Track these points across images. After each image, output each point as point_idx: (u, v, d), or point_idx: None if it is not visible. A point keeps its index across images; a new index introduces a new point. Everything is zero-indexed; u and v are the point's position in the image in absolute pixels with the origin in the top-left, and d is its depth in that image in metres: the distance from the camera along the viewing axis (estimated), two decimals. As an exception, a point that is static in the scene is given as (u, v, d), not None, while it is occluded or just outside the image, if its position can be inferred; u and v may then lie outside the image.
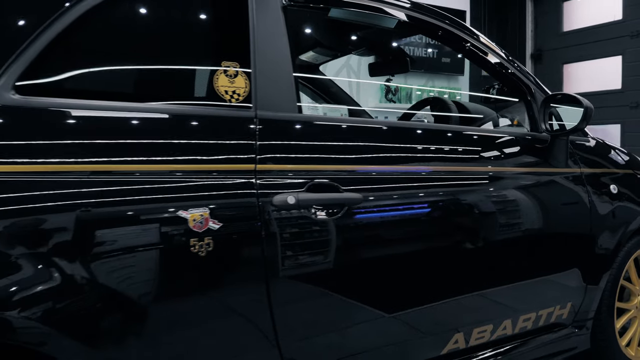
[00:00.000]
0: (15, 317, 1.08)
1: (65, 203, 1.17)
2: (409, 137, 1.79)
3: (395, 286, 1.67)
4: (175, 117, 1.38)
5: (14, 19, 1.27)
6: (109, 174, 1.23)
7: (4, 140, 1.16)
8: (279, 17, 1.60)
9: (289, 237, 1.43)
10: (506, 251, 1.96)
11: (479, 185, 1.88)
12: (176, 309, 1.29)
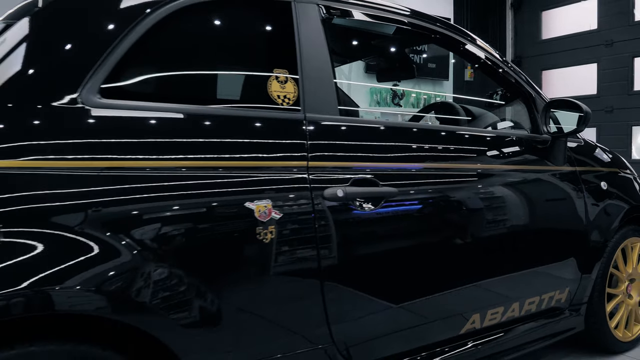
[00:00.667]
0: (109, 295, 1.23)
1: (153, 195, 1.33)
2: (436, 138, 1.99)
3: (426, 271, 1.87)
4: (239, 119, 1.55)
5: (96, 34, 1.42)
6: (190, 169, 1.39)
7: (100, 136, 1.32)
8: (319, 28, 1.78)
9: (337, 226, 1.61)
10: (516, 241, 2.17)
11: (494, 182, 2.09)
12: (244, 289, 1.45)
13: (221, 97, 1.67)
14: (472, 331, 2.06)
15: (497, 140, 2.24)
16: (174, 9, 1.52)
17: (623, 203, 2.68)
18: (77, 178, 1.26)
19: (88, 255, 1.22)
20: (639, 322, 2.83)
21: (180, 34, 1.59)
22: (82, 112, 1.33)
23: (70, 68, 1.36)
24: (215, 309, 1.40)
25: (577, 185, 2.43)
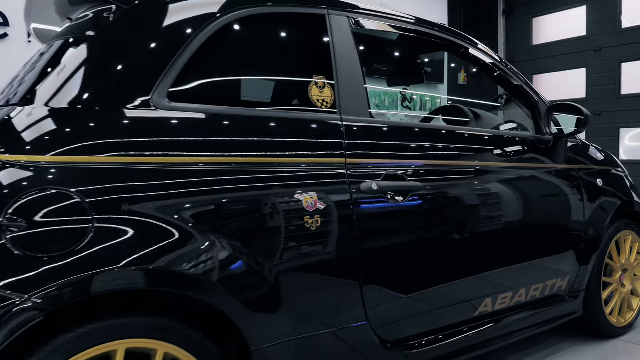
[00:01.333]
0: (197, 279, 1.41)
1: (216, 188, 1.51)
2: (455, 138, 2.20)
3: (447, 259, 2.06)
4: (287, 121, 1.74)
5: (163, 45, 1.60)
6: (246, 165, 1.58)
7: (175, 135, 1.50)
8: (350, 39, 1.97)
9: (372, 216, 1.80)
10: (525, 232, 2.38)
11: (505, 179, 2.30)
12: (295, 272, 1.63)
13: (269, 100, 1.86)
14: (485, 314, 2.26)
15: (507, 140, 2.44)
16: (226, 22, 1.70)
17: (616, 199, 2.90)
18: (152, 172, 1.44)
19: (167, 240, 1.40)
20: (631, 309, 3.06)
21: (232, 44, 1.77)
22: (155, 114, 1.51)
23: (143, 75, 1.54)
24: (271, 290, 1.58)
25: (576, 182, 2.65)
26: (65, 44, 1.76)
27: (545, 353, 2.76)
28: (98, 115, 1.46)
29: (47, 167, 1.33)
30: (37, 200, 1.29)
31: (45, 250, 1.26)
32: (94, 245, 1.31)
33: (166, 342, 1.40)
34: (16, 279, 1.22)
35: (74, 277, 1.26)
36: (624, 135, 5.94)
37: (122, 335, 1.34)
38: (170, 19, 1.64)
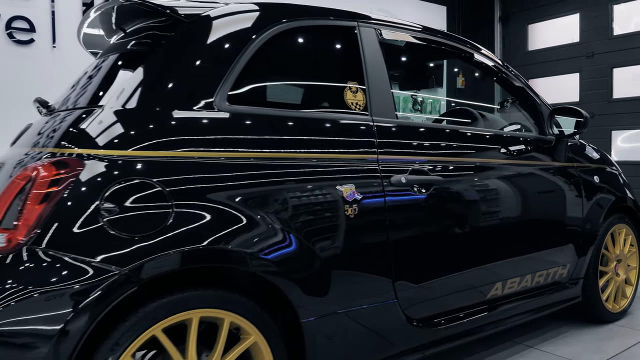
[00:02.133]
0: (258, 258, 1.63)
1: (270, 180, 1.73)
2: (470, 137, 2.43)
3: (464, 246, 2.29)
4: (328, 121, 1.96)
5: (223, 53, 1.82)
6: (293, 159, 1.80)
7: (236, 133, 1.72)
8: (378, 49, 2.20)
9: (401, 206, 2.03)
10: (532, 223, 2.62)
11: (514, 175, 2.54)
12: (338, 254, 1.85)
13: (309, 103, 2.08)
14: (496, 297, 2.50)
15: (516, 140, 2.68)
16: (272, 34, 1.93)
17: (611, 195, 3.15)
18: (212, 166, 1.65)
19: (234, 223, 1.62)
20: (625, 297, 3.31)
21: (278, 52, 1.99)
22: (217, 115, 1.73)
23: (207, 81, 1.76)
24: (318, 271, 1.80)
25: (575, 179, 2.90)
26: (129, 52, 1.98)
27: (548, 335, 3.01)
28: (170, 116, 1.67)
29: (130, 160, 1.55)
30: (126, 188, 1.51)
31: (135, 231, 1.48)
32: (174, 227, 1.53)
33: (232, 312, 1.62)
34: (114, 255, 1.43)
35: (159, 254, 1.48)
36: (615, 137, 6.19)
37: (197, 305, 1.56)
38: (227, 31, 1.86)
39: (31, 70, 4.21)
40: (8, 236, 1.43)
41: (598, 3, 6.30)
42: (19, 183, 1.50)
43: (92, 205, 1.46)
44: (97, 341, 1.44)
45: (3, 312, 1.34)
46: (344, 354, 1.90)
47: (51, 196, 1.45)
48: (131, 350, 1.46)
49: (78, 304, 1.37)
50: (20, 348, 1.35)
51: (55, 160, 1.51)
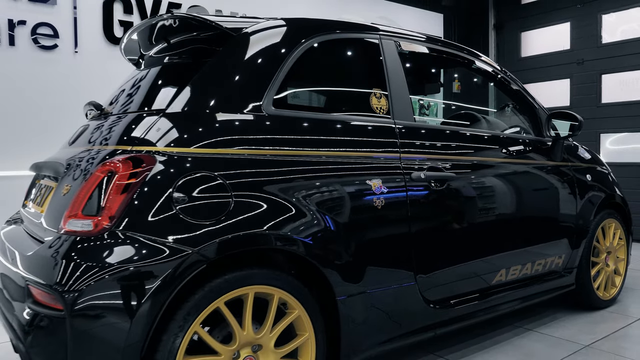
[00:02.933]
0: (305, 243, 1.88)
1: (310, 175, 1.99)
2: (480, 139, 2.70)
3: (473, 236, 2.55)
4: (357, 124, 2.21)
5: (269, 64, 2.07)
6: (330, 156, 2.05)
7: (280, 133, 1.97)
8: (397, 59, 2.47)
9: (420, 199, 2.29)
10: (532, 215, 2.90)
11: (517, 173, 2.81)
12: (368, 241, 2.11)
13: (341, 107, 2.33)
14: (501, 283, 2.77)
15: (519, 141, 2.95)
16: (308, 46, 2.18)
17: (601, 192, 3.44)
18: (262, 162, 1.90)
19: (283, 212, 1.87)
20: (614, 286, 3.60)
21: (312, 62, 2.24)
22: (265, 117, 1.99)
23: (256, 87, 2.01)
24: (352, 255, 2.05)
25: (569, 177, 3.18)
26: (180, 62, 2.22)
27: (545, 320, 3.28)
28: (225, 119, 1.92)
29: (194, 156, 1.80)
30: (192, 180, 1.75)
31: (203, 217, 1.72)
32: (235, 214, 1.77)
33: (281, 289, 1.87)
34: (187, 237, 1.68)
35: (222, 238, 1.72)
36: (604, 140, 6.49)
37: (253, 282, 1.80)
38: (271, 43, 2.11)
39: (54, 74, 4.41)
40: (94, 222, 1.67)
41: (588, 13, 6.61)
42: (99, 176, 1.73)
43: (165, 194, 1.71)
44: (167, 315, 1.67)
45: (92, 287, 1.57)
46: (371, 327, 2.15)
47: (130, 187, 1.69)
48: (200, 319, 1.70)
49: (158, 279, 1.61)
50: (106, 318, 1.58)
51: (132, 156, 1.75)
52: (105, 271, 1.58)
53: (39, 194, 2.21)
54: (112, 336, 1.57)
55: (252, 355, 1.84)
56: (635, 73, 6.21)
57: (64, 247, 1.65)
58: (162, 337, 1.65)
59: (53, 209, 1.90)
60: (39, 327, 1.63)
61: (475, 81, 6.60)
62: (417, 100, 5.57)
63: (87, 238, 1.65)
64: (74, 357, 1.56)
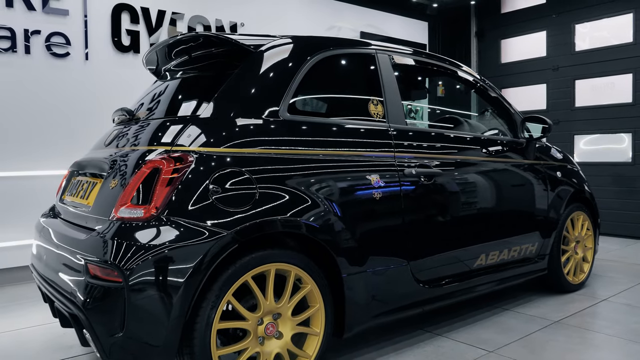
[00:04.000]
0: (319, 229, 2.23)
1: (320, 171, 2.34)
2: (462, 140, 3.08)
3: (457, 224, 2.93)
4: (358, 127, 2.57)
5: (285, 75, 2.42)
6: (336, 155, 2.41)
7: (295, 135, 2.32)
8: (391, 70, 2.84)
9: (411, 192, 2.66)
10: (508, 207, 3.29)
11: (495, 171, 3.19)
12: (368, 227, 2.46)
13: (344, 112, 2.69)
14: (480, 267, 3.15)
15: (497, 142, 3.35)
16: (316, 61, 2.54)
17: (570, 187, 3.84)
18: (280, 160, 2.25)
19: (299, 202, 2.22)
20: (582, 272, 4.01)
21: (319, 74, 2.59)
22: (282, 122, 2.34)
23: (274, 95, 2.36)
24: (355, 239, 2.40)
25: (541, 175, 3.58)
26: (204, 74, 2.56)
27: (520, 301, 3.68)
28: (248, 123, 2.26)
29: (224, 155, 2.14)
30: (224, 175, 2.10)
31: (234, 205, 2.07)
32: (261, 204, 2.12)
33: (296, 266, 2.22)
34: (222, 222, 2.02)
35: (250, 222, 2.07)
36: (577, 141, 6.94)
37: (274, 260, 2.15)
38: (286, 58, 2.46)
39: (66, 80, 4.71)
40: (144, 209, 2.01)
41: (562, 22, 7.06)
42: (145, 172, 2.07)
43: (202, 187, 2.05)
44: (205, 287, 2.00)
45: (146, 263, 1.90)
46: (371, 301, 2.51)
47: (174, 181, 2.03)
48: (232, 291, 2.04)
49: (200, 256, 1.94)
50: (157, 288, 1.91)
51: (174, 155, 2.09)
52: (156, 249, 1.92)
53: (81, 189, 2.53)
54: (161, 303, 1.90)
55: (272, 322, 2.19)
56: (605, 79, 6.67)
57: (119, 231, 1.98)
58: (201, 305, 1.99)
59: (102, 200, 2.23)
60: (99, 297, 1.95)
61: (457, 88, 7.00)
62: (407, 105, 5.97)
63: (138, 223, 1.99)
64: (131, 319, 1.89)
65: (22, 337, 3.10)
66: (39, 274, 2.50)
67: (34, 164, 4.55)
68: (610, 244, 6.03)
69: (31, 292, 4.11)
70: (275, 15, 6.18)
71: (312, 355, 2.30)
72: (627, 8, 6.45)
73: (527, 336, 3.00)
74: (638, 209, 6.39)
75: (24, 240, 4.42)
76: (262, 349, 2.17)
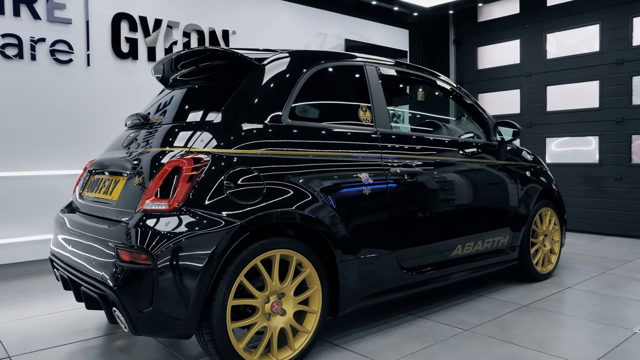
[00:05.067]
0: (317, 220, 2.56)
1: (315, 170, 2.67)
2: (441, 142, 3.45)
3: (436, 217, 3.29)
4: (351, 131, 2.92)
5: (286, 85, 2.75)
6: (332, 156, 2.75)
7: (295, 138, 2.66)
8: (378, 80, 3.19)
9: (396, 188, 3.01)
10: (483, 203, 3.66)
11: (471, 170, 3.57)
12: (358, 218, 2.80)
13: (338, 118, 3.02)
14: (457, 257, 3.51)
15: (472, 144, 3.72)
16: (312, 73, 2.87)
17: (539, 186, 4.24)
18: (283, 159, 2.58)
19: (300, 196, 2.55)
20: (550, 262, 4.41)
21: (315, 85, 2.93)
22: (284, 127, 2.67)
23: (277, 103, 2.68)
24: (347, 229, 2.74)
25: (512, 174, 3.97)
26: (213, 84, 2.88)
27: (494, 289, 4.06)
28: (255, 127, 2.59)
29: (236, 155, 2.46)
30: (237, 172, 2.42)
31: (246, 199, 2.39)
32: (268, 197, 2.45)
33: (297, 252, 2.55)
34: (235, 213, 2.34)
35: (260, 213, 2.39)
36: (549, 143, 7.37)
37: (279, 246, 2.48)
38: (287, 70, 2.79)
39: (69, 85, 4.97)
40: (168, 202, 2.32)
41: (535, 32, 7.50)
42: (168, 170, 2.38)
43: (217, 183, 2.36)
44: (222, 269, 2.32)
45: (171, 248, 2.21)
46: (361, 285, 2.85)
47: (193, 178, 2.35)
48: (243, 272, 2.36)
49: (218, 241, 2.26)
50: (182, 268, 2.22)
51: (193, 156, 2.40)
52: (179, 237, 2.23)
53: (103, 186, 2.83)
54: (185, 283, 2.21)
55: (277, 300, 2.52)
56: (575, 85, 7.12)
57: (147, 221, 2.29)
58: (218, 284, 2.30)
59: (127, 195, 2.53)
60: (129, 278, 2.25)
61: (437, 95, 7.40)
62: (391, 110, 6.36)
63: (163, 214, 2.30)
64: (158, 296, 2.20)
65: (40, 323, 3.37)
66: (64, 262, 2.79)
67: (40, 164, 4.80)
68: (579, 240, 6.47)
69: (41, 285, 4.37)
70: (265, 23, 6.51)
71: (310, 331, 2.63)
72: (594, 19, 6.91)
73: (499, 317, 3.37)
74: (605, 207, 6.85)
75: (25, 237, 4.67)
76: (269, 324, 2.49)
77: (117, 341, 3.02)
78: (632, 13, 6.58)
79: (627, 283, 4.25)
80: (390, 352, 2.79)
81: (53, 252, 3.02)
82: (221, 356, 2.32)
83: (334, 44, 7.30)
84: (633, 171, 6.60)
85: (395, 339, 2.98)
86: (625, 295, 3.88)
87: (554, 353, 2.76)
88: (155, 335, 2.33)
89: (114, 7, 5.23)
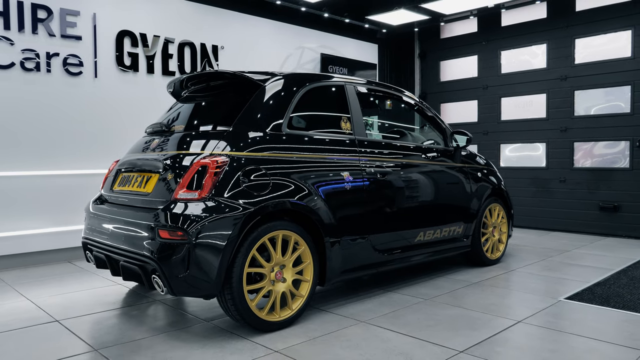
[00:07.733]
0: (310, 208, 3.27)
1: (309, 170, 3.40)
2: (407, 148, 4.21)
3: (403, 209, 4.04)
4: (335, 138, 3.65)
5: (285, 99, 3.46)
6: (321, 158, 3.47)
7: (293, 144, 3.38)
8: (355, 96, 3.93)
9: (371, 185, 3.75)
10: (441, 198, 4.44)
11: (431, 171, 4.34)
12: (341, 210, 3.52)
13: (324, 127, 3.74)
14: (420, 242, 4.27)
15: (432, 149, 4.50)
16: (305, 90, 3.59)
17: (489, 185, 5.05)
18: (284, 161, 3.29)
19: (297, 190, 3.25)
20: (499, 250, 5.22)
21: (307, 101, 3.64)
22: (283, 134, 3.38)
23: (278, 115, 3.39)
24: (332, 216, 3.45)
25: (466, 175, 4.76)
26: (225, 98, 3.57)
27: (451, 271, 4.85)
28: (262, 135, 3.29)
29: (248, 157, 3.16)
30: (250, 170, 3.11)
31: (257, 191, 3.08)
32: (274, 190, 3.14)
33: (295, 233, 3.25)
34: (249, 201, 3.03)
35: (268, 202, 3.09)
36: (503, 149, 8.25)
37: (280, 228, 3.18)
38: (285, 88, 3.51)
39: (80, 94, 5.56)
40: (198, 193, 3.00)
41: (491, 49, 8.38)
42: (196, 168, 3.06)
43: (235, 178, 3.05)
44: (239, 245, 3.00)
45: (203, 227, 2.88)
46: (343, 261, 3.56)
47: (217, 174, 3.03)
48: (255, 248, 3.05)
49: (238, 222, 2.95)
50: (210, 244, 2.89)
51: (216, 158, 3.08)
52: (208, 218, 2.91)
53: (136, 181, 3.47)
54: (213, 252, 2.89)
55: (280, 270, 3.22)
56: (526, 97, 8.02)
57: (183, 207, 2.96)
58: (237, 255, 2.99)
59: (161, 188, 3.19)
60: (169, 251, 2.91)
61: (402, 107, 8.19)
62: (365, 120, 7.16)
63: (194, 202, 2.97)
64: (192, 264, 2.87)
65: (71, 298, 3.99)
66: (101, 244, 3.43)
67: (53, 164, 5.37)
68: (527, 234, 7.35)
69: (59, 270, 4.96)
70: (251, 39, 7.19)
71: (304, 295, 3.34)
72: (542, 39, 7.82)
73: (453, 291, 4.14)
74: (551, 206, 7.75)
75: (42, 229, 5.24)
76: (274, 288, 3.19)
77: (136, 311, 3.67)
78: (574, 35, 7.51)
79: (562, 267, 5.09)
80: (366, 314, 3.53)
81: (87, 237, 3.65)
82: (239, 312, 3.01)
83: (312, 57, 8.03)
84: (575, 174, 7.52)
85: (370, 305, 3.72)
86: (559, 275, 4.71)
87: (494, 314, 3.54)
88: (188, 295, 3.00)
89: (118, 24, 5.84)
